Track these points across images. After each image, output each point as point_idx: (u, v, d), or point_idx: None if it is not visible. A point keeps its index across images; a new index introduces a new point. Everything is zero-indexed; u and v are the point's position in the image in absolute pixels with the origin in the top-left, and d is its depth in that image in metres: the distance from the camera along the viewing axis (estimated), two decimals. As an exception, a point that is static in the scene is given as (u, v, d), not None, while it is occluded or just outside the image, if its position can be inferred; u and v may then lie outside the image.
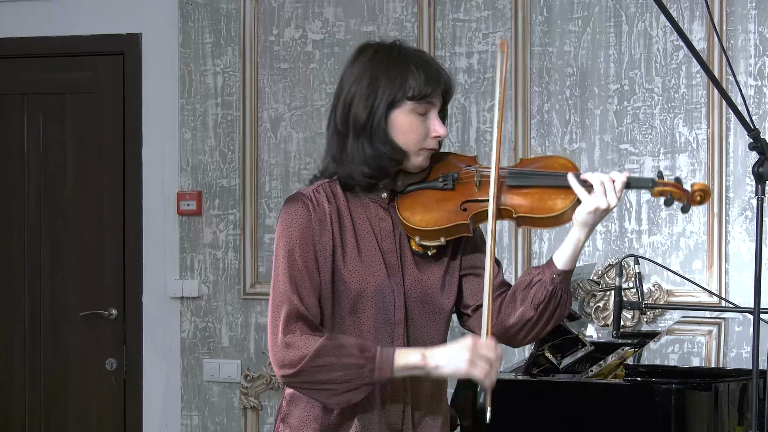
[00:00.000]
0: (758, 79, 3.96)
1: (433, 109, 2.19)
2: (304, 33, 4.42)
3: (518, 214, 2.16)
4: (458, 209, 2.18)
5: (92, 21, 4.62)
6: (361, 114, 2.16)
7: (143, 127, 4.59)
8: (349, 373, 2.08)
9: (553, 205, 2.15)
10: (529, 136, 4.16)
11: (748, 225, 3.95)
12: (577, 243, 2.16)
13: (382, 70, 2.17)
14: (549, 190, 2.17)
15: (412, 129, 2.17)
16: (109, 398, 4.65)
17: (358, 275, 2.17)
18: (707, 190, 2.17)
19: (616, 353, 3.41)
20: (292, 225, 2.18)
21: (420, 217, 2.18)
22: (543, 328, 2.22)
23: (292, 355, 2.09)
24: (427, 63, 2.19)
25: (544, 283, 2.17)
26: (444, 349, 2.11)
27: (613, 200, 2.12)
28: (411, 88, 2.15)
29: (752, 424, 2.15)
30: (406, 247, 2.22)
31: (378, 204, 2.23)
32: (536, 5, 4.16)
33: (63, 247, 4.68)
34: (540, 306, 2.18)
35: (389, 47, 2.21)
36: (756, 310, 2.13)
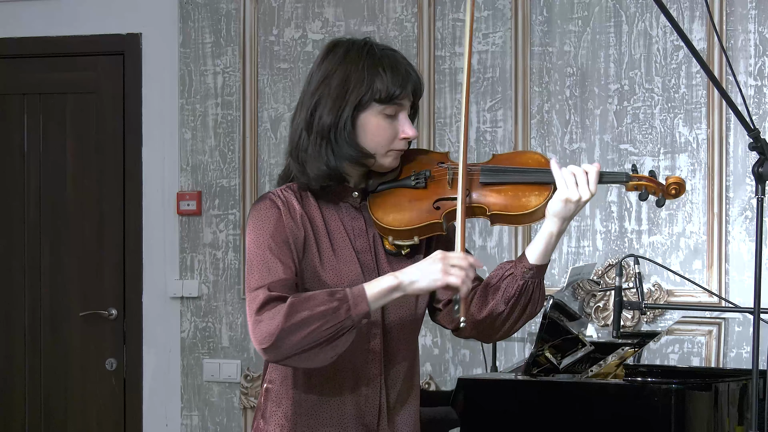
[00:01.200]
0: (758, 79, 3.96)
1: (402, 111, 2.16)
2: (304, 33, 4.42)
3: (491, 212, 2.14)
4: (431, 208, 2.16)
5: (92, 21, 4.62)
6: (326, 116, 2.12)
7: (143, 127, 4.59)
8: (326, 321, 2.01)
9: (527, 202, 2.13)
10: (529, 136, 4.16)
11: (748, 225, 3.95)
12: (550, 237, 2.13)
13: (351, 71, 2.12)
14: (522, 186, 2.15)
15: (381, 131, 2.14)
16: (109, 398, 4.65)
17: (334, 273, 2.15)
18: (682, 183, 2.16)
19: (616, 353, 3.41)
20: (262, 219, 2.14)
21: (393, 216, 2.16)
22: (515, 324, 2.20)
23: (267, 326, 2.03)
24: (395, 63, 2.15)
25: (515, 277, 2.15)
26: (415, 265, 2.07)
27: (586, 192, 2.10)
28: (378, 91, 2.11)
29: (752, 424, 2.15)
30: (380, 246, 2.21)
31: (349, 203, 2.21)
32: (536, 5, 4.16)
33: (63, 247, 4.68)
34: (510, 300, 2.15)
35: (359, 46, 2.16)
36: (756, 310, 2.13)
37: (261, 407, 2.25)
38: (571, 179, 2.10)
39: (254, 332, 2.06)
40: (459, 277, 2.02)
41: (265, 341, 2.03)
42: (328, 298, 2.03)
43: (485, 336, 2.26)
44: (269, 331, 2.03)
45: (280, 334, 2.02)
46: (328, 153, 2.13)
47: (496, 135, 4.20)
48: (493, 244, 4.19)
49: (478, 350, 4.11)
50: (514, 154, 2.27)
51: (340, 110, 2.12)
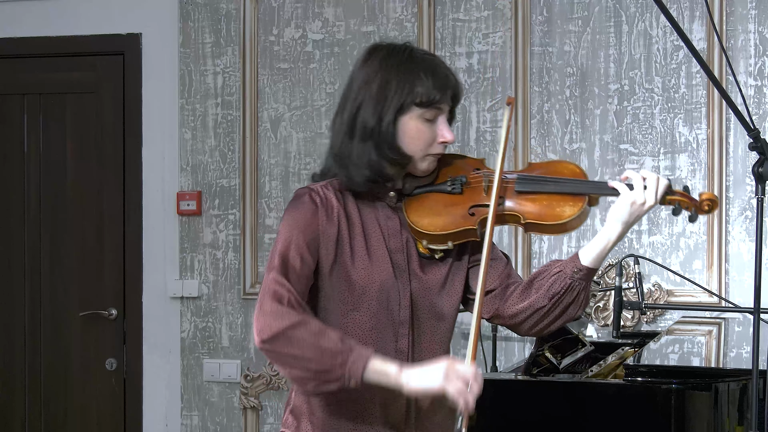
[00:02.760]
0: (758, 79, 3.96)
1: (441, 115, 2.18)
2: (304, 33, 4.42)
3: (526, 220, 2.16)
4: (466, 214, 2.17)
5: (92, 21, 4.62)
6: (369, 119, 2.14)
7: (143, 127, 4.59)
8: (321, 358, 2.01)
9: (561, 212, 2.15)
10: (529, 136, 4.16)
11: (748, 225, 3.95)
12: (608, 242, 2.15)
13: (392, 75, 2.14)
14: (557, 196, 2.16)
15: (420, 135, 2.15)
16: (109, 398, 4.65)
17: (365, 273, 2.16)
18: (715, 200, 2.18)
19: (616, 353, 3.41)
20: (298, 209, 2.16)
21: (428, 221, 2.18)
22: (551, 322, 2.20)
23: (272, 322, 2.04)
24: (436, 68, 2.17)
25: (563, 274, 2.16)
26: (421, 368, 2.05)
27: (651, 198, 2.11)
28: (419, 95, 2.13)
29: (752, 424, 2.15)
30: (413, 248, 2.22)
31: (386, 203, 2.22)
32: (536, 5, 4.16)
33: (63, 247, 4.68)
34: (555, 297, 2.16)
35: (400, 51, 2.19)
36: (756, 310, 2.13)
37: (291, 401, 2.26)
38: (639, 182, 2.12)
39: (259, 319, 2.06)
40: (458, 389, 1.99)
41: (264, 333, 2.05)
42: (336, 340, 2.04)
43: (518, 328, 2.25)
44: (270, 327, 2.04)
45: (277, 334, 2.04)
46: (371, 156, 2.15)
47: (496, 135, 4.20)
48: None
49: (477, 350, 4.11)
50: (549, 164, 2.28)
51: (382, 113, 2.13)
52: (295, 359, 2.03)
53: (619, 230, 2.15)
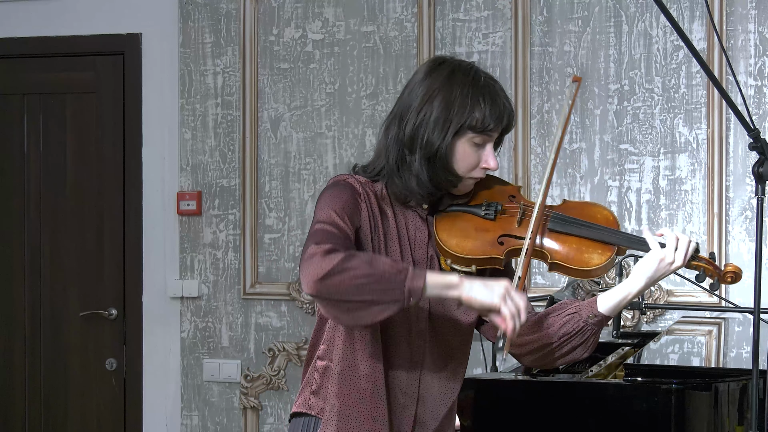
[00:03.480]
0: (758, 79, 3.96)
1: (489, 141, 2.17)
2: (304, 33, 4.42)
3: (553, 260, 2.16)
4: (495, 242, 2.17)
5: (92, 21, 4.62)
6: (435, 140, 2.13)
7: (143, 127, 4.59)
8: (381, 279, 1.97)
9: (589, 259, 2.16)
10: (529, 136, 4.16)
11: (748, 225, 3.95)
12: (628, 294, 2.16)
13: (456, 96, 2.13)
14: (588, 242, 2.17)
15: (466, 158, 2.15)
16: (109, 398, 4.65)
17: None
18: (739, 272, 2.22)
19: (616, 353, 3.41)
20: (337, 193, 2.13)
21: (456, 241, 2.17)
22: (556, 359, 2.21)
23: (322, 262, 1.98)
24: (496, 95, 2.16)
25: (578, 317, 2.17)
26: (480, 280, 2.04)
27: (680, 260, 2.14)
28: (476, 120, 2.13)
29: (752, 424, 2.15)
30: (435, 261, 2.22)
31: (417, 213, 2.22)
32: (536, 5, 4.16)
33: (63, 247, 4.68)
34: (564, 337, 2.18)
35: (465, 70, 2.17)
36: (756, 310, 2.13)
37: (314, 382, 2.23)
38: (672, 241, 2.14)
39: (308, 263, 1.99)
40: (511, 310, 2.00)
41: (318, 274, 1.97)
42: (390, 262, 2.01)
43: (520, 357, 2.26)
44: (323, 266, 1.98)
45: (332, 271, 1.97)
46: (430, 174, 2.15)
47: (496, 135, 4.19)
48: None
49: (478, 350, 4.10)
50: (584, 205, 2.30)
51: (445, 134, 2.13)
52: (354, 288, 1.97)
53: (642, 284, 2.15)
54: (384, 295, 1.97)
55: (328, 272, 1.97)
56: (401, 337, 2.17)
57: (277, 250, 4.44)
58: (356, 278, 1.97)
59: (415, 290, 1.98)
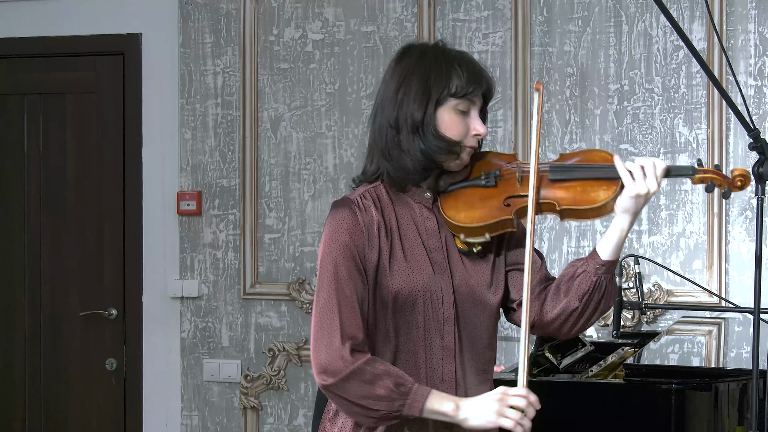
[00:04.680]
0: (758, 79, 3.96)
1: (473, 108, 2.21)
2: (304, 33, 4.42)
3: (561, 207, 2.18)
4: (502, 205, 2.20)
5: (92, 21, 4.62)
6: (416, 112, 2.18)
7: (143, 127, 4.59)
8: (378, 404, 2.11)
9: (596, 196, 2.17)
10: (529, 136, 4.16)
11: (748, 225, 3.95)
12: (621, 232, 2.19)
13: (431, 69, 2.19)
14: (591, 182, 2.19)
15: (454, 126, 2.19)
16: (109, 398, 4.65)
17: (406, 277, 2.18)
18: (748, 175, 2.18)
19: (616, 353, 3.41)
20: (339, 230, 2.19)
21: (464, 214, 2.20)
22: (589, 319, 2.25)
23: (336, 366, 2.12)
24: (470, 62, 2.22)
25: (588, 273, 2.20)
26: (475, 400, 2.13)
27: (653, 185, 2.14)
28: (455, 86, 2.17)
29: (752, 424, 2.15)
30: (452, 246, 2.24)
31: (422, 204, 2.25)
32: (536, 5, 4.16)
33: (63, 247, 4.68)
34: (584, 297, 2.20)
35: (434, 47, 2.24)
36: (756, 310, 2.13)
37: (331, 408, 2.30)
38: (639, 172, 2.14)
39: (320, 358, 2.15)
40: (514, 419, 2.07)
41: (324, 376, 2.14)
42: (392, 387, 2.11)
43: (559, 332, 2.29)
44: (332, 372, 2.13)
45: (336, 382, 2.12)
46: (421, 146, 2.18)
47: (496, 135, 4.20)
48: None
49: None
50: (581, 152, 2.30)
51: (426, 105, 2.18)
52: (352, 403, 2.13)
53: (629, 220, 2.18)
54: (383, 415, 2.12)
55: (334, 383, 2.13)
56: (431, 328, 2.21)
57: (277, 250, 4.44)
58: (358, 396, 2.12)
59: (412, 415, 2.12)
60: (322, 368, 2.13)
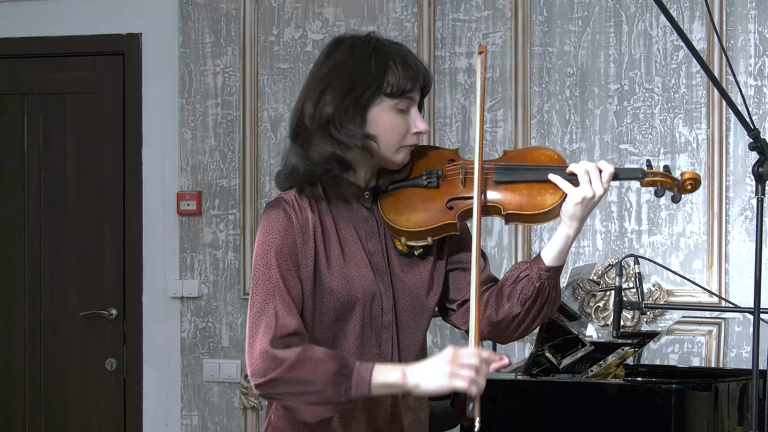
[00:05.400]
0: (758, 79, 3.96)
1: (413, 105, 2.12)
2: (304, 33, 4.42)
3: (507, 211, 2.10)
4: (444, 208, 2.11)
5: (92, 21, 4.62)
6: (328, 107, 2.07)
7: (143, 127, 4.59)
8: (323, 389, 2.00)
9: (543, 201, 2.09)
10: (529, 136, 4.16)
11: (748, 225, 3.95)
12: (567, 239, 2.10)
13: (360, 65, 2.08)
14: (537, 185, 2.11)
15: (393, 126, 2.09)
16: (109, 398, 4.65)
17: (345, 282, 2.11)
18: (698, 178, 2.13)
19: (616, 353, 3.41)
20: (272, 233, 2.10)
21: (405, 217, 2.11)
22: (530, 324, 2.17)
23: (267, 365, 2.01)
24: (405, 57, 2.10)
25: (531, 279, 2.11)
26: (424, 365, 2.01)
27: (599, 189, 2.08)
28: (390, 85, 2.07)
29: (752, 424, 2.15)
30: (392, 248, 2.17)
31: (361, 204, 2.17)
32: (536, 5, 4.16)
33: (63, 247, 4.68)
34: (527, 302, 2.12)
35: (365, 41, 2.12)
36: (756, 310, 2.13)
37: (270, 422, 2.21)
38: (584, 177, 2.08)
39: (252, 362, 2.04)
40: (466, 379, 1.95)
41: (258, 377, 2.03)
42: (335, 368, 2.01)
43: (501, 337, 2.22)
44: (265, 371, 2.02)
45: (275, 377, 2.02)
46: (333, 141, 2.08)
47: (496, 135, 4.20)
48: (493, 244, 4.19)
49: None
50: (526, 151, 2.22)
51: (343, 101, 2.06)
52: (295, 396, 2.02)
53: (575, 226, 2.10)
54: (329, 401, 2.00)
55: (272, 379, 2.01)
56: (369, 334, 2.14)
57: (277, 250, 4.43)
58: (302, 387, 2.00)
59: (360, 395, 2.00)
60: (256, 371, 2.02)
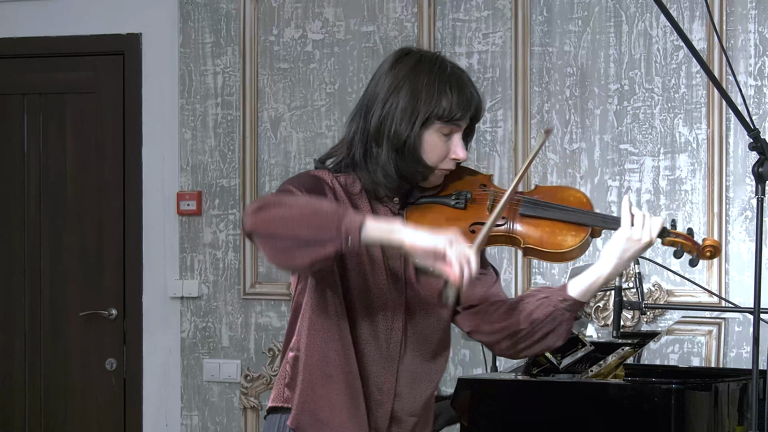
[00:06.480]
0: (758, 79, 3.96)
1: (457, 132, 2.14)
2: (304, 33, 4.42)
3: (526, 244, 2.13)
4: (467, 230, 2.13)
5: (92, 21, 4.62)
6: (403, 131, 2.10)
7: (143, 127, 4.59)
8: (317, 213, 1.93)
9: (563, 241, 2.12)
10: (529, 136, 4.15)
11: (748, 225, 3.95)
12: (598, 277, 2.12)
13: (422, 86, 2.10)
14: (561, 224, 2.14)
15: (435, 149, 2.12)
16: (109, 398, 4.65)
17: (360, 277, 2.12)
18: (718, 246, 2.16)
19: (616, 353, 3.41)
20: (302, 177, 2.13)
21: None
22: (528, 347, 2.18)
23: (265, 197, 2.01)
24: (462, 84, 2.13)
25: (548, 302, 2.13)
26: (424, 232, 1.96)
27: (647, 236, 2.09)
28: (443, 109, 2.10)
29: (752, 424, 2.15)
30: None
31: (388, 208, 2.19)
32: (536, 5, 4.16)
33: (63, 247, 4.68)
34: (535, 323, 2.13)
35: (431, 60, 2.15)
36: (756, 310, 2.13)
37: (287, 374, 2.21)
38: (639, 219, 2.09)
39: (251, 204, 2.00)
40: (459, 255, 1.91)
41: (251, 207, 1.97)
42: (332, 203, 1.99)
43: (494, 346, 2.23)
44: (261, 201, 1.98)
45: (268, 202, 1.97)
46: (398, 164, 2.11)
47: (496, 135, 4.20)
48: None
49: (478, 350, 4.11)
50: (557, 189, 2.25)
51: (413, 125, 2.10)
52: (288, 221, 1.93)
53: (612, 265, 2.11)
54: (318, 232, 1.91)
55: (264, 204, 1.96)
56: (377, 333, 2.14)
57: (277, 250, 4.43)
58: (291, 210, 1.93)
59: (352, 229, 1.91)
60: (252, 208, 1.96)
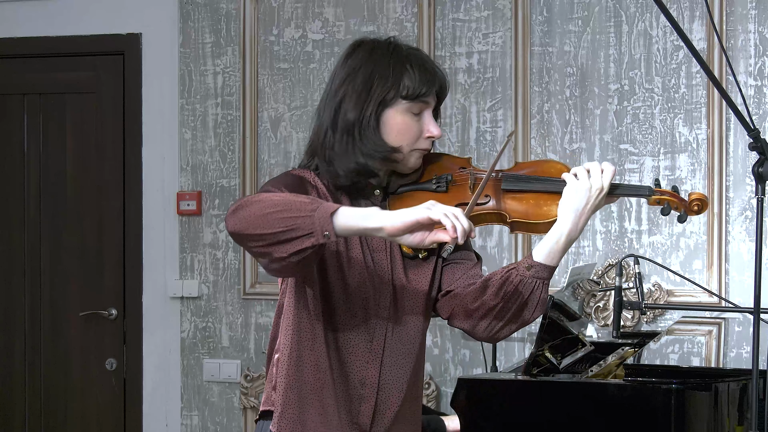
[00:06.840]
0: (758, 79, 3.96)
1: (427, 109, 2.14)
2: (304, 33, 4.42)
3: (512, 218, 2.12)
4: None
5: (92, 21, 4.62)
6: (350, 112, 2.11)
7: (143, 127, 4.59)
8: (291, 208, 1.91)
9: (548, 210, 2.11)
10: (529, 136, 4.16)
11: (748, 225, 3.95)
12: (560, 236, 2.06)
13: (378, 68, 2.11)
14: (544, 195, 2.13)
15: (406, 129, 2.12)
16: (109, 398, 4.65)
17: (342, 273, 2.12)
18: (705, 199, 2.15)
19: (616, 353, 3.41)
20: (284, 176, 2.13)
21: None
22: (505, 325, 2.12)
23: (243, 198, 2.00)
24: (422, 61, 2.14)
25: (515, 272, 2.08)
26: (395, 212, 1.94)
27: (597, 183, 2.05)
28: (406, 87, 2.10)
29: (752, 424, 2.15)
30: (396, 247, 2.17)
31: (371, 202, 2.17)
32: (536, 5, 4.16)
33: (63, 247, 4.68)
34: (506, 295, 2.08)
35: (385, 44, 2.16)
36: (756, 310, 2.13)
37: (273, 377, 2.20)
38: (582, 171, 2.07)
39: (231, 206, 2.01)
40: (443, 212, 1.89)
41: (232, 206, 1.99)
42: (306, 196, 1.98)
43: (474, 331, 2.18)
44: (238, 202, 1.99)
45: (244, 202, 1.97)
46: (355, 150, 2.11)
47: (496, 135, 4.20)
48: (493, 244, 4.19)
49: (478, 350, 4.11)
50: (537, 163, 2.25)
51: (365, 106, 2.10)
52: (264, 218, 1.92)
53: (570, 220, 2.05)
54: (294, 226, 1.90)
55: (241, 204, 1.96)
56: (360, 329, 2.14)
57: (277, 250, 4.43)
58: (266, 208, 1.93)
59: (325, 218, 1.89)
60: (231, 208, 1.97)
